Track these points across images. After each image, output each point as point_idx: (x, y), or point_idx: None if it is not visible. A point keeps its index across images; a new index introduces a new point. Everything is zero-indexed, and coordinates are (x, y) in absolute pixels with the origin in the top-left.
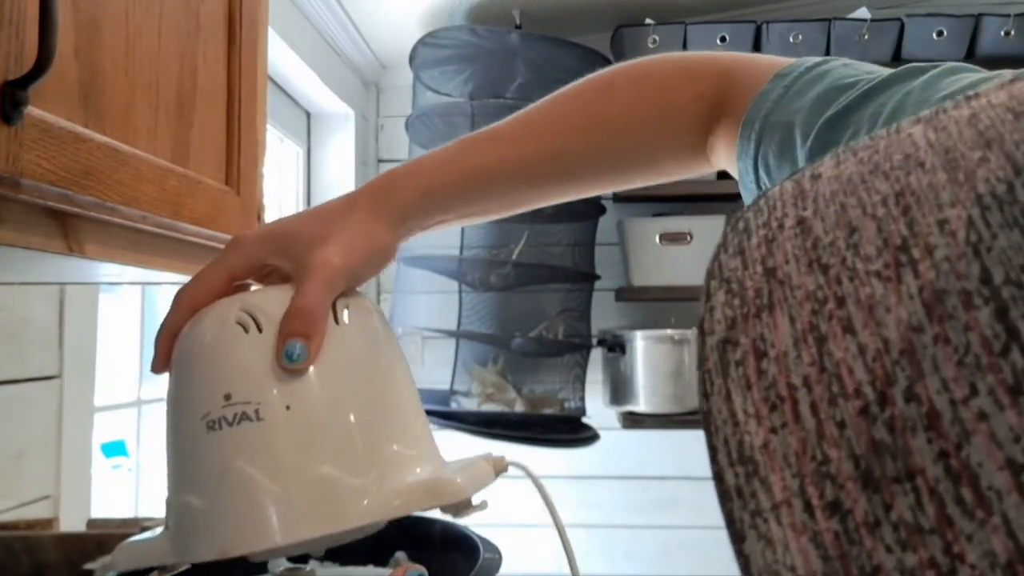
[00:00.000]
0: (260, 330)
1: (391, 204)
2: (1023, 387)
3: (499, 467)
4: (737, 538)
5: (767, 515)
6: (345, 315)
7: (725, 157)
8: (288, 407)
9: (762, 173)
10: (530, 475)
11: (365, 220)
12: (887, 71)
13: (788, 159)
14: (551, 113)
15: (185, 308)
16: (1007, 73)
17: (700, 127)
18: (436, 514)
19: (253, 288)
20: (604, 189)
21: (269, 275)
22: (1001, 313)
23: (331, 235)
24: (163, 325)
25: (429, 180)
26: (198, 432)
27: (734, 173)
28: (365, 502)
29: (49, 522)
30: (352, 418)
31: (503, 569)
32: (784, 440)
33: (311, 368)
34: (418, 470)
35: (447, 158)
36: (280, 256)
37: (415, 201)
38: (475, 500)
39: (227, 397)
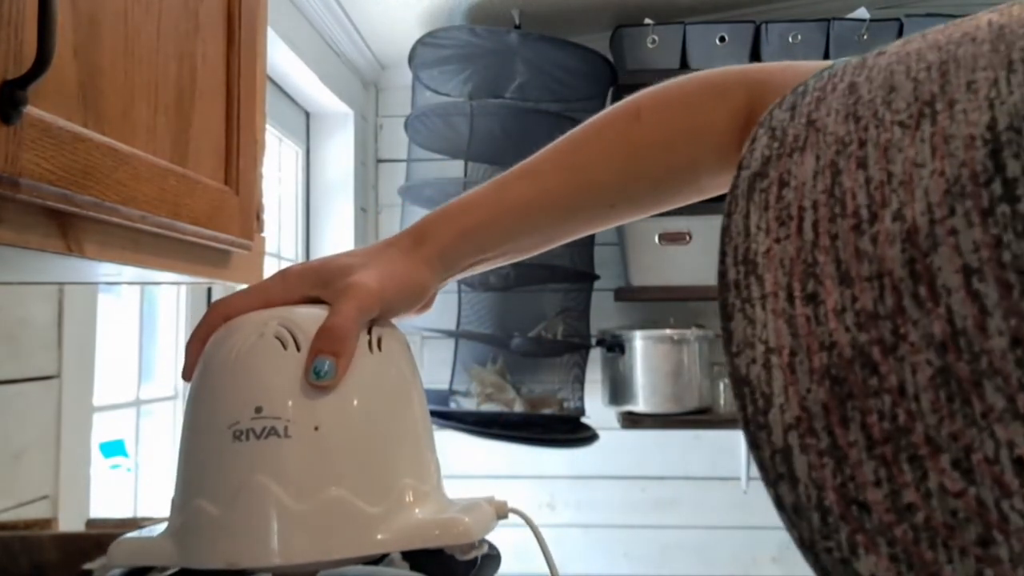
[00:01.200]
0: (298, 348)
1: (429, 243)
2: (995, 210)
3: (501, 512)
4: (725, 318)
5: (755, 302)
6: (379, 344)
7: None
8: (317, 428)
9: None
10: (530, 524)
11: (403, 255)
12: None
13: None
14: (581, 145)
15: (219, 317)
16: None
17: (736, 141)
18: None
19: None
20: (646, 213)
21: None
22: (995, 153)
23: (368, 264)
24: (195, 332)
25: (466, 219)
26: (223, 440)
27: None
28: (379, 534)
29: (48, 522)
30: (376, 446)
31: (501, 568)
32: (784, 248)
33: (343, 391)
34: (430, 506)
35: (482, 197)
36: (319, 287)
37: (453, 240)
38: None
39: (258, 410)
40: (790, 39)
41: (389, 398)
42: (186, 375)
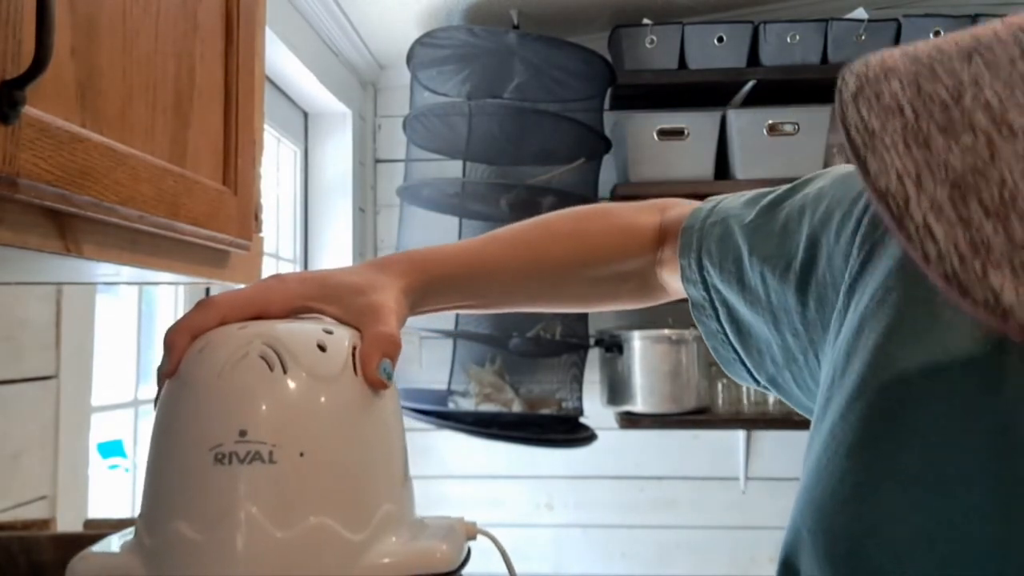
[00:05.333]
0: (284, 370)
1: (414, 276)
2: None
3: (470, 533)
4: (859, 159)
5: (879, 149)
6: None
7: (668, 270)
8: (302, 454)
9: (705, 261)
10: (498, 545)
11: (397, 284)
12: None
13: (730, 243)
14: (536, 228)
15: (213, 317)
16: None
17: (652, 243)
18: None
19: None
20: (593, 300)
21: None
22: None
23: (381, 287)
24: (185, 323)
25: (434, 268)
26: (203, 462)
27: (675, 285)
28: (359, 560)
29: (46, 522)
30: (359, 472)
31: (498, 568)
32: (893, 124)
33: (329, 415)
34: (406, 532)
35: (459, 253)
36: (328, 301)
37: (432, 281)
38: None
39: (242, 433)
40: (788, 39)
41: (371, 422)
42: (168, 370)
